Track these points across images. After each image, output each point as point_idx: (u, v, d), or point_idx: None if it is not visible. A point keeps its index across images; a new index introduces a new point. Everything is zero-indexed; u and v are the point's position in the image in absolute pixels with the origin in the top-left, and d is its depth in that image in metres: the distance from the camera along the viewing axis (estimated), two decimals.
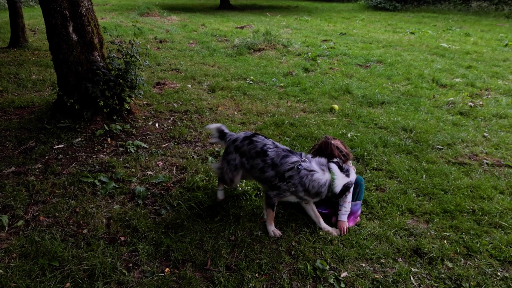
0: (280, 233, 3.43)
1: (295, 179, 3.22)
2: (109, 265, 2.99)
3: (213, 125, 3.90)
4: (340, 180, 3.26)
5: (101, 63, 5.25)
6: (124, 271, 2.97)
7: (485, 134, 5.55)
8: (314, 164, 3.28)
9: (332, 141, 3.60)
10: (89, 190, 3.97)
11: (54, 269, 2.94)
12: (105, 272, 2.92)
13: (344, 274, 3.01)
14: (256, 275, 2.98)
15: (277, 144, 3.46)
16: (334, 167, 3.30)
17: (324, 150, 3.57)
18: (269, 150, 3.35)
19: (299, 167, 3.22)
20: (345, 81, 7.85)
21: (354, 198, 3.64)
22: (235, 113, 6.16)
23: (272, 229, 3.43)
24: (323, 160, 3.34)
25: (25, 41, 10.01)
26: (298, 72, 8.41)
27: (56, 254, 3.05)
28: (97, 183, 4.08)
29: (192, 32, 13.28)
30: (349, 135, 5.32)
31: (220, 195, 3.86)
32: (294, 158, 3.28)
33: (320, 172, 3.24)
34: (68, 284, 2.82)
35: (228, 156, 3.60)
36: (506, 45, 11.71)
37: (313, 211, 3.54)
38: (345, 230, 3.47)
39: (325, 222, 3.56)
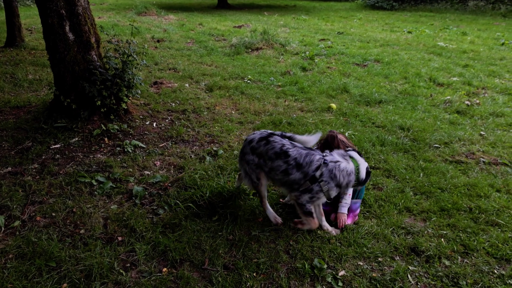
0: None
1: (325, 176, 3.16)
2: (106, 265, 2.98)
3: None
4: (363, 165, 3.29)
5: (98, 63, 5.24)
6: (121, 271, 2.97)
7: (482, 132, 5.56)
8: (336, 155, 3.28)
9: (338, 135, 3.64)
10: (86, 190, 3.96)
11: (51, 270, 2.93)
12: (103, 272, 2.92)
13: (342, 273, 3.01)
14: (254, 274, 2.98)
15: (295, 143, 3.38)
16: (354, 154, 3.33)
17: (330, 144, 3.61)
18: (290, 150, 3.24)
19: (325, 161, 3.18)
20: (343, 80, 7.85)
21: (354, 196, 3.66)
22: (233, 112, 6.15)
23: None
24: (341, 150, 3.36)
25: (22, 40, 9.97)
26: (296, 71, 8.41)
27: (53, 255, 3.05)
28: (94, 183, 4.07)
29: (190, 31, 13.26)
30: (346, 134, 5.33)
31: (272, 215, 3.57)
32: (318, 155, 3.24)
33: (344, 161, 3.24)
34: (65, 285, 2.81)
35: (246, 156, 3.48)
36: (502, 44, 11.74)
37: (319, 208, 3.50)
38: (344, 222, 3.49)
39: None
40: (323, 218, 3.50)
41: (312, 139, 3.49)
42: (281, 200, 3.88)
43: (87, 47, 5.11)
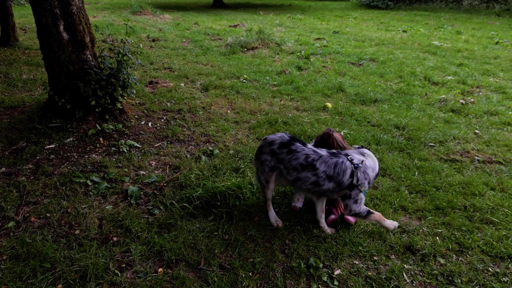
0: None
1: (361, 179, 3.16)
2: (101, 265, 2.97)
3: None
4: (376, 160, 3.37)
5: (93, 62, 5.22)
6: (116, 271, 2.96)
7: (477, 131, 5.59)
8: (355, 154, 3.30)
9: (334, 134, 3.66)
10: (81, 190, 3.94)
11: (46, 271, 2.91)
12: (98, 273, 2.91)
13: (337, 272, 3.02)
14: (250, 274, 2.98)
15: (314, 148, 3.30)
16: (366, 151, 3.37)
17: (326, 141, 3.62)
18: (316, 162, 3.17)
19: (356, 165, 3.18)
20: (338, 79, 7.87)
21: None
22: (229, 112, 6.14)
23: (389, 222, 3.37)
24: (355, 149, 3.40)
25: (16, 40, 9.91)
26: (291, 71, 8.41)
27: (47, 256, 3.03)
28: (89, 183, 4.05)
29: (185, 30, 13.23)
30: (342, 133, 5.33)
31: (274, 217, 3.56)
32: (346, 161, 3.19)
33: (365, 159, 3.28)
34: (59, 286, 2.80)
35: (262, 156, 3.43)
36: (496, 43, 11.81)
37: (323, 205, 3.50)
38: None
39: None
40: (323, 215, 3.50)
41: None
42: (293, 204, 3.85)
43: (81, 47, 5.08)
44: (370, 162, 3.28)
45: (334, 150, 3.34)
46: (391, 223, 3.37)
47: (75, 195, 3.85)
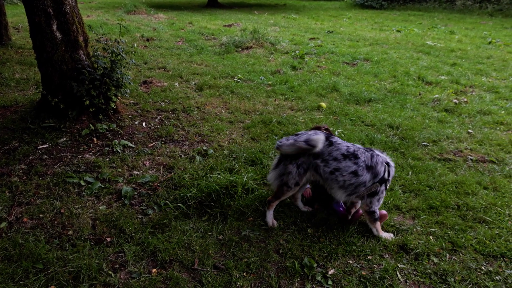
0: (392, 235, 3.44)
1: (391, 175, 3.28)
2: (94, 266, 2.95)
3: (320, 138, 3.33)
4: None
5: (86, 62, 5.18)
6: (110, 272, 2.94)
7: (470, 130, 5.62)
8: (378, 152, 3.36)
9: (325, 128, 3.78)
10: (74, 190, 3.92)
11: (38, 272, 2.89)
12: (91, 274, 2.89)
13: (331, 271, 3.02)
14: (244, 274, 2.98)
15: (356, 144, 3.37)
16: (378, 150, 3.43)
17: None
18: (357, 152, 3.24)
19: (388, 163, 3.29)
20: (333, 79, 7.88)
21: None
22: (223, 111, 6.13)
23: (385, 234, 3.41)
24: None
25: (8, 39, 9.82)
26: (286, 70, 8.41)
27: (40, 256, 3.01)
28: (83, 184, 4.03)
29: (180, 30, 13.19)
30: (336, 132, 5.35)
31: (271, 217, 3.54)
32: (376, 152, 3.30)
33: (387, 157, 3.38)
34: (52, 287, 2.78)
35: (299, 159, 3.33)
36: (489, 42, 11.89)
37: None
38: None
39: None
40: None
41: None
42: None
43: (75, 46, 5.05)
44: (391, 162, 3.38)
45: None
46: (387, 235, 3.42)
47: (68, 196, 3.83)
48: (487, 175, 4.46)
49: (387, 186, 3.33)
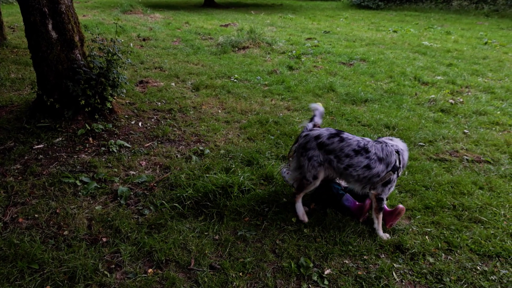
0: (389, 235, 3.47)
1: (402, 161, 3.35)
2: (90, 266, 2.94)
3: (318, 108, 3.76)
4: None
5: (82, 62, 5.16)
6: (106, 272, 2.93)
7: (466, 130, 5.65)
8: (387, 140, 3.43)
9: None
10: (70, 190, 3.90)
11: (34, 272, 2.88)
12: (87, 274, 2.88)
13: (327, 271, 3.03)
14: (240, 274, 2.98)
15: (358, 137, 3.43)
16: (390, 138, 3.51)
17: None
18: (367, 145, 3.32)
19: (398, 150, 3.35)
20: (329, 79, 7.89)
21: None
22: (219, 111, 6.13)
23: (382, 233, 3.45)
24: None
25: (4, 38, 9.76)
26: (283, 70, 8.42)
27: (35, 257, 2.99)
28: (78, 184, 4.01)
29: (176, 30, 13.16)
30: None
31: (302, 211, 3.61)
32: (385, 143, 3.36)
33: (396, 143, 3.45)
34: (48, 287, 2.76)
35: (309, 152, 3.44)
36: (485, 43, 11.94)
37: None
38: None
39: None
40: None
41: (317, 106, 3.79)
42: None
43: (70, 46, 5.03)
44: (403, 145, 3.45)
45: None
46: (383, 234, 3.44)
47: (64, 196, 3.81)
48: (482, 175, 4.48)
49: (400, 174, 3.40)
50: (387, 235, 3.44)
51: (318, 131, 3.51)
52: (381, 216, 3.43)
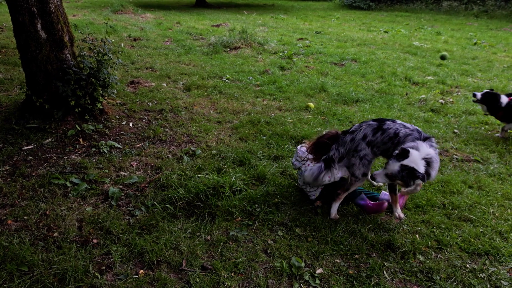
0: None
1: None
2: (81, 268, 2.92)
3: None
4: None
5: (72, 62, 5.12)
6: (96, 274, 2.91)
7: (455, 130, 5.70)
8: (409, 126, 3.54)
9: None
10: (60, 192, 3.87)
11: (23, 274, 2.85)
12: (77, 276, 2.86)
13: (319, 271, 3.03)
14: (232, 274, 2.98)
15: (398, 123, 3.49)
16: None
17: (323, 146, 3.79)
18: (400, 130, 3.40)
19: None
20: (321, 79, 7.92)
21: None
22: (211, 112, 6.12)
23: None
24: None
25: None
26: (274, 71, 8.43)
27: (25, 259, 2.96)
28: (69, 185, 3.98)
29: (167, 30, 13.11)
30: (324, 133, 5.36)
31: (336, 212, 3.69)
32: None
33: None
34: None
35: (360, 152, 3.51)
36: (475, 43, 12.07)
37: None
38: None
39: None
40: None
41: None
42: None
43: (60, 46, 4.98)
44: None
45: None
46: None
47: (54, 197, 3.78)
48: (472, 174, 4.52)
49: None
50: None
51: (362, 132, 3.52)
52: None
